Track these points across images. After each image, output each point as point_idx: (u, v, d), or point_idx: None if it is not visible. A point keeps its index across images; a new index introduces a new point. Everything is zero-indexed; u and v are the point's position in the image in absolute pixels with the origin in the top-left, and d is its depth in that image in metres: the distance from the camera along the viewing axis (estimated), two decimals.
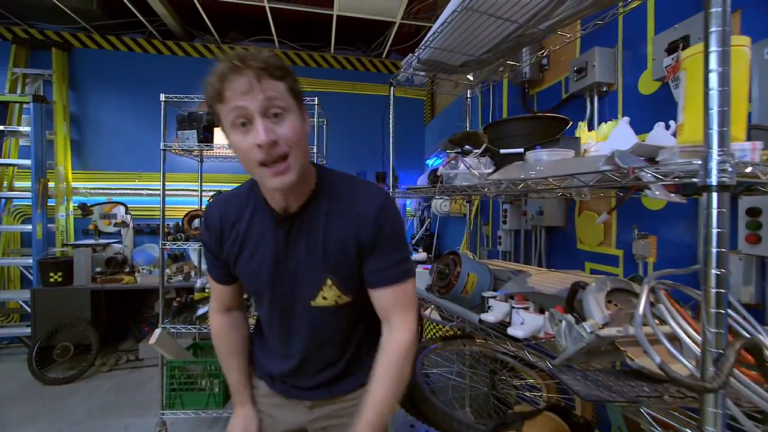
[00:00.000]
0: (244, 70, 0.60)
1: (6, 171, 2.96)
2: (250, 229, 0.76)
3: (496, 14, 1.00)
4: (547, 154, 0.81)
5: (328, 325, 0.76)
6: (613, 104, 1.36)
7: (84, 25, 3.11)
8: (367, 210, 0.71)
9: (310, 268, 0.73)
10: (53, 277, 2.59)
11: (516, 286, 0.94)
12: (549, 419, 0.84)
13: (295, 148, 0.64)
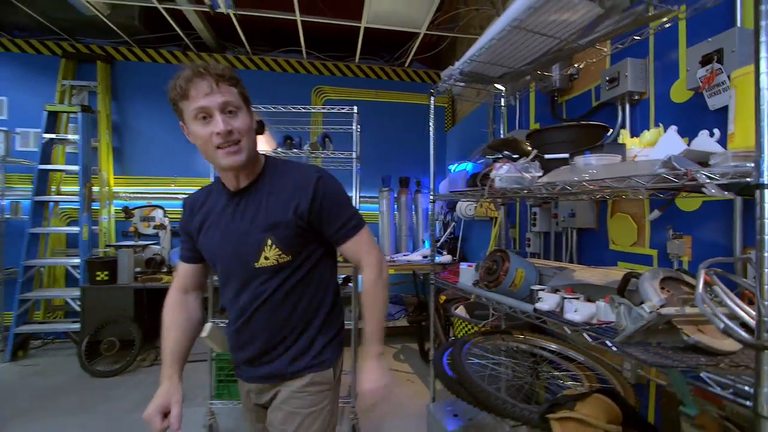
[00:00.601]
0: (206, 76, 0.77)
1: (54, 176, 3.16)
2: (211, 206, 0.92)
3: (541, 32, 1.10)
4: (596, 159, 0.90)
5: (271, 284, 0.85)
6: (644, 112, 1.44)
7: (126, 39, 3.32)
8: (304, 182, 0.86)
9: (254, 230, 0.85)
10: (100, 275, 2.74)
11: (564, 280, 1.03)
12: (599, 400, 0.92)
13: (245, 136, 0.81)
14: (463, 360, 1.26)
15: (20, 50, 3.27)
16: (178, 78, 0.79)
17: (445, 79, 1.55)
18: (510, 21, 1.05)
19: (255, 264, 0.86)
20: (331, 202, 0.87)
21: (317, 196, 0.85)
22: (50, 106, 2.95)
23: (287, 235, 0.85)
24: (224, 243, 0.88)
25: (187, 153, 3.48)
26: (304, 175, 0.87)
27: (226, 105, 0.78)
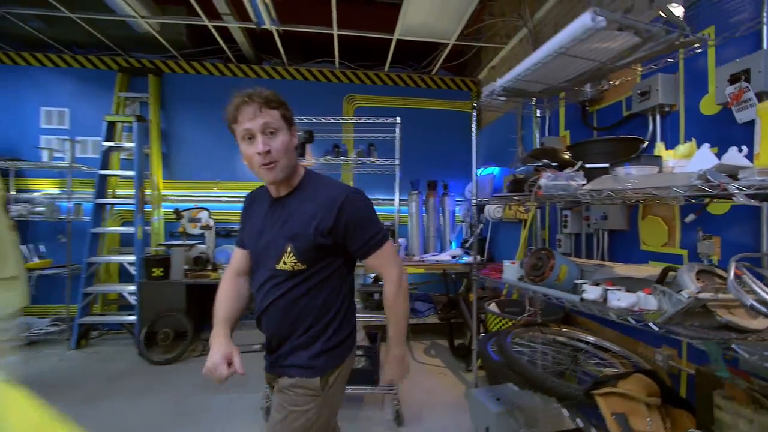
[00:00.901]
0: (251, 103, 0.89)
1: (110, 180, 3.44)
2: (258, 205, 1.06)
3: (584, 56, 1.24)
4: (636, 170, 1.05)
5: (286, 285, 0.94)
6: (674, 123, 1.56)
7: (173, 54, 3.59)
8: (330, 201, 0.94)
9: (280, 236, 0.96)
10: (156, 272, 3.00)
11: (605, 274, 1.17)
12: (639, 378, 1.06)
13: (282, 156, 0.92)
14: (509, 347, 1.42)
15: (80, 65, 3.57)
16: (230, 105, 0.92)
17: (487, 93, 1.71)
18: (557, 48, 1.20)
19: (276, 266, 0.97)
20: (355, 222, 0.95)
21: (342, 216, 0.93)
22: (109, 117, 3.23)
23: (305, 247, 0.94)
24: (258, 241, 1.01)
25: (228, 158, 3.73)
26: (332, 195, 0.96)
27: (266, 126, 0.89)
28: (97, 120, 3.50)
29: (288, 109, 0.96)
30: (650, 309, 0.97)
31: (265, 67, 3.83)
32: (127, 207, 3.48)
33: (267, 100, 0.90)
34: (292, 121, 0.97)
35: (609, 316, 0.99)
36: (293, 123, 0.97)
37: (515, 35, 3.16)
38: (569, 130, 2.31)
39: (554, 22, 2.66)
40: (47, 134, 3.50)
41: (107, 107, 3.54)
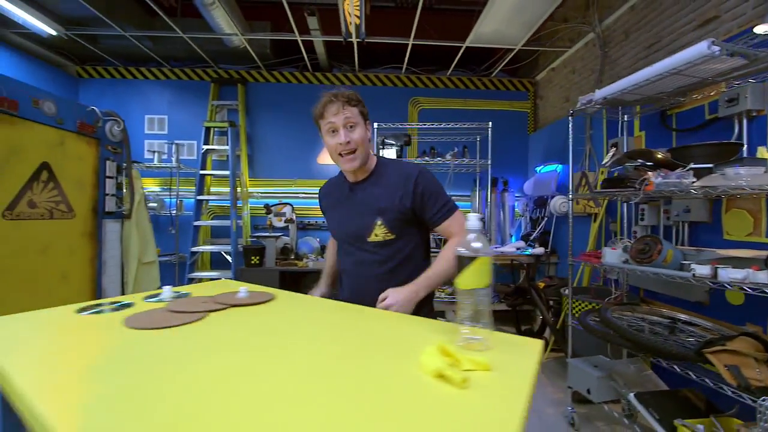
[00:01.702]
0: (336, 101, 1.03)
1: (206, 179, 3.88)
2: (336, 194, 1.21)
3: (691, 75, 1.48)
4: (745, 170, 1.28)
5: (379, 255, 1.08)
6: (761, 127, 1.76)
7: (257, 64, 3.98)
8: (409, 176, 1.07)
9: (367, 213, 1.09)
10: (254, 259, 3.41)
11: (710, 256, 1.42)
12: (746, 339, 1.30)
13: (360, 146, 1.06)
14: (614, 319, 1.68)
15: (176, 77, 4.03)
16: (318, 103, 1.07)
17: (584, 102, 1.95)
18: (670, 68, 1.44)
19: (368, 238, 1.10)
20: (429, 192, 1.07)
21: (417, 187, 1.06)
22: (207, 123, 3.66)
23: (393, 217, 1.07)
24: (347, 223, 1.15)
25: (305, 158, 4.11)
26: (407, 171, 1.09)
27: (347, 121, 1.03)
28: (190, 125, 3.95)
29: (365, 107, 1.10)
30: (759, 282, 1.22)
31: (336, 74, 4.17)
32: (220, 203, 3.92)
33: (348, 99, 1.04)
34: (368, 117, 1.11)
35: (725, 287, 1.24)
36: (368, 118, 1.11)
37: (579, 39, 3.35)
38: (644, 131, 2.51)
39: (624, 29, 2.84)
40: (150, 139, 3.98)
41: (200, 114, 3.98)
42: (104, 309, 0.81)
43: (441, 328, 0.70)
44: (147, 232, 2.79)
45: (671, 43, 2.41)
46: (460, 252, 0.60)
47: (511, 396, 0.45)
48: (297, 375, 0.51)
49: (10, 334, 0.67)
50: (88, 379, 0.49)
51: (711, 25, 2.13)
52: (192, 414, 0.40)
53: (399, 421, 0.39)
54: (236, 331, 0.69)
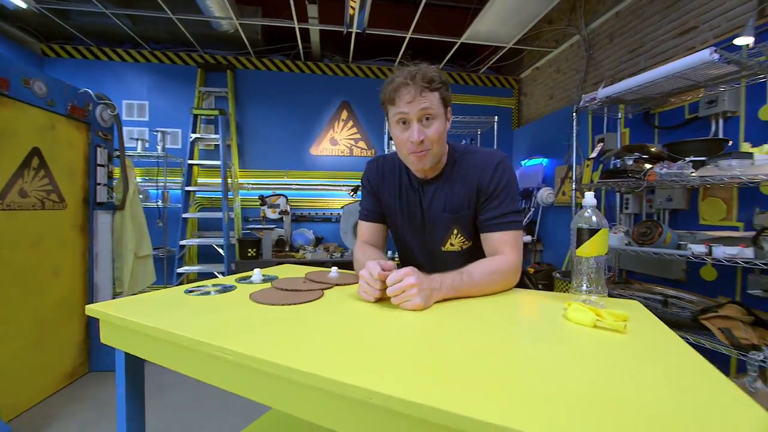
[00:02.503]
0: (411, 86, 0.81)
1: (194, 170, 3.71)
2: (394, 184, 0.99)
3: (688, 78, 1.68)
4: (736, 162, 1.50)
5: (455, 266, 0.81)
6: (734, 126, 2.03)
7: (247, 50, 3.84)
8: (487, 163, 0.88)
9: (441, 219, 0.92)
10: (250, 252, 3.34)
11: (704, 237, 1.64)
12: (734, 306, 1.53)
13: (435, 144, 0.86)
14: (613, 294, 1.88)
15: (158, 61, 3.79)
16: (390, 83, 0.85)
17: (588, 100, 2.13)
18: (673, 72, 1.63)
19: (442, 248, 0.95)
20: (503, 186, 0.88)
21: (495, 175, 0.88)
22: (196, 110, 3.50)
23: (469, 224, 0.92)
24: (414, 227, 0.98)
25: (297, 149, 4.05)
26: (487, 158, 0.90)
27: (424, 113, 0.82)
28: (173, 112, 3.76)
29: (448, 89, 0.87)
30: (748, 257, 1.44)
31: (328, 64, 4.13)
32: (208, 194, 3.77)
33: (430, 81, 0.82)
34: (449, 102, 0.88)
35: (721, 262, 1.45)
36: (449, 104, 0.89)
37: (565, 41, 3.58)
38: (629, 128, 2.77)
39: (609, 33, 3.09)
40: (129, 126, 3.73)
41: (184, 100, 3.79)
42: (210, 291, 0.82)
43: (558, 297, 0.79)
44: (142, 224, 2.65)
45: (652, 49, 2.67)
46: (582, 225, 0.69)
47: (659, 331, 0.55)
48: (493, 347, 0.54)
49: (169, 313, 0.67)
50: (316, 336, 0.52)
51: (690, 34, 2.39)
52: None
53: (611, 360, 0.48)
54: (368, 306, 0.73)
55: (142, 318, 0.63)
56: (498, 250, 0.87)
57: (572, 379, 0.42)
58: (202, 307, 0.71)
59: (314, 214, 4.03)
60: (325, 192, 4.07)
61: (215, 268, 3.50)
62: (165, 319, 0.63)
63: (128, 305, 0.72)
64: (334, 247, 3.77)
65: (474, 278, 0.78)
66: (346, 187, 4.03)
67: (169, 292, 0.83)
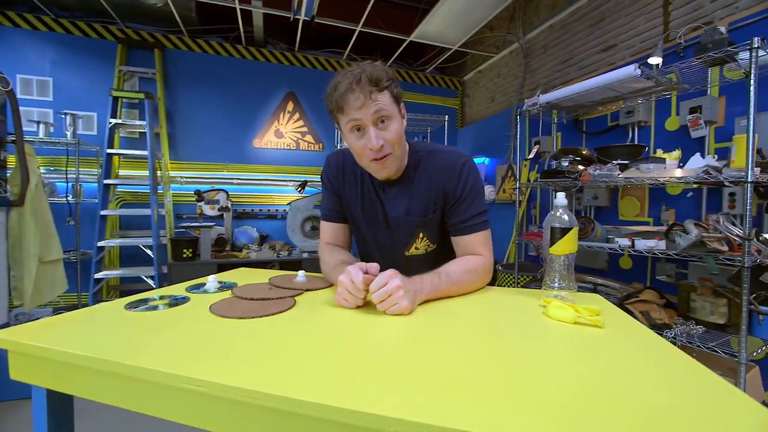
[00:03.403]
0: (358, 90, 0.74)
1: (114, 160, 3.25)
2: (360, 187, 0.93)
3: (616, 89, 1.88)
4: (653, 166, 1.72)
5: (419, 268, 0.79)
6: (646, 134, 2.34)
7: (179, 29, 3.45)
8: (452, 165, 0.85)
9: (406, 223, 0.90)
10: (186, 252, 3.03)
11: (627, 232, 1.86)
12: (650, 292, 1.77)
13: (396, 146, 0.81)
14: None
15: (65, 31, 3.23)
16: (332, 90, 0.79)
17: (530, 104, 2.28)
18: (604, 83, 1.81)
19: (406, 252, 0.92)
20: (467, 192, 0.86)
21: (462, 177, 0.85)
22: (116, 92, 3.05)
23: (435, 227, 0.90)
24: (376, 231, 0.94)
25: (238, 140, 3.77)
26: (451, 158, 0.87)
27: (377, 116, 0.77)
28: (86, 93, 3.28)
29: (397, 85, 0.81)
30: (663, 249, 1.66)
31: (273, 51, 3.89)
32: (133, 188, 3.34)
33: (377, 81, 0.76)
34: (401, 98, 0.83)
35: (642, 253, 1.66)
36: (402, 100, 0.84)
37: (505, 47, 3.81)
38: (560, 132, 3.04)
39: (543, 44, 3.35)
40: (26, 106, 3.13)
41: (100, 80, 3.29)
42: (158, 305, 0.70)
43: (530, 293, 0.82)
44: (48, 223, 2.25)
45: (580, 62, 2.96)
46: (555, 225, 0.73)
47: (630, 323, 0.60)
48: (474, 350, 0.54)
49: (104, 333, 0.54)
50: (296, 355, 0.46)
51: (611, 51, 2.70)
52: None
53: (598, 350, 0.50)
54: (348, 313, 0.69)
55: (72, 345, 0.51)
56: (471, 251, 0.87)
57: (564, 377, 0.43)
58: (151, 325, 0.60)
59: (258, 210, 3.80)
60: (270, 187, 3.85)
61: (143, 272, 3.11)
62: (105, 344, 0.52)
63: (49, 329, 0.58)
64: (280, 245, 3.58)
65: (452, 278, 0.77)
66: (292, 182, 3.86)
67: (102, 309, 0.70)
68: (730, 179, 1.40)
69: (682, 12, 2.24)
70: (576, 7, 2.97)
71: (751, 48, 1.32)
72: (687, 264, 1.97)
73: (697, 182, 1.52)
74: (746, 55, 1.44)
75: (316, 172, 3.99)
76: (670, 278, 2.10)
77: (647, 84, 1.81)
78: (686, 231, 1.54)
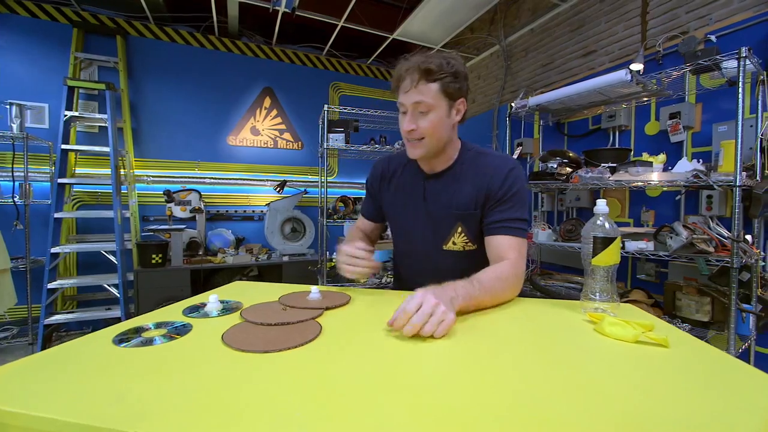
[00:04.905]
0: (407, 77, 0.82)
1: (70, 157, 2.93)
2: (405, 180, 0.99)
3: (604, 94, 1.92)
4: (641, 169, 1.77)
5: (454, 268, 0.80)
6: (627, 138, 2.42)
7: (145, 15, 3.17)
8: (500, 168, 0.87)
9: (446, 215, 0.90)
10: (155, 258, 2.79)
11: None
12: (638, 291, 1.82)
13: (429, 134, 0.84)
14: (545, 285, 2.08)
15: (8, 10, 2.87)
16: (396, 71, 0.86)
17: (519, 106, 2.29)
18: (594, 87, 1.83)
19: (443, 246, 0.92)
20: (514, 193, 0.86)
21: (507, 181, 0.85)
22: (72, 81, 2.75)
23: (475, 225, 0.89)
24: (409, 221, 0.96)
25: (211, 137, 3.54)
26: (501, 163, 0.89)
27: (417, 105, 0.82)
28: (35, 81, 2.95)
29: (456, 79, 0.83)
30: (652, 250, 1.71)
31: (248, 43, 3.69)
32: (92, 188, 3.04)
33: (427, 72, 0.80)
34: (457, 95, 0.85)
35: (634, 255, 1.70)
36: (458, 96, 0.85)
37: (486, 50, 3.84)
38: (542, 134, 3.10)
39: (524, 47, 3.41)
40: None
41: (52, 68, 2.96)
42: (155, 336, 0.59)
43: (567, 305, 0.78)
44: None
45: (561, 66, 3.03)
46: (597, 234, 0.69)
47: (688, 340, 0.56)
48: (529, 378, 0.49)
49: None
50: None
51: (590, 57, 2.77)
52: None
53: (675, 375, 0.45)
54: (387, 338, 0.60)
55: (42, 406, 0.37)
56: (503, 254, 0.83)
57: (657, 411, 0.38)
58: (151, 367, 0.48)
59: (233, 211, 3.59)
60: (246, 187, 3.65)
61: (105, 280, 2.84)
62: (93, 403, 0.39)
63: (7, 381, 0.44)
64: (258, 249, 3.41)
65: (484, 285, 0.73)
66: (270, 182, 3.68)
67: (84, 345, 0.57)
68: (719, 183, 1.45)
69: (659, 21, 2.33)
70: (556, 12, 3.03)
71: (739, 57, 1.38)
72: (667, 263, 2.05)
73: (687, 185, 1.57)
74: (727, 64, 1.50)
75: (295, 171, 3.83)
76: (650, 277, 2.18)
77: (635, 89, 1.86)
78: (676, 233, 1.59)
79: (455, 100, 0.86)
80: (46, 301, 2.69)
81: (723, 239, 1.46)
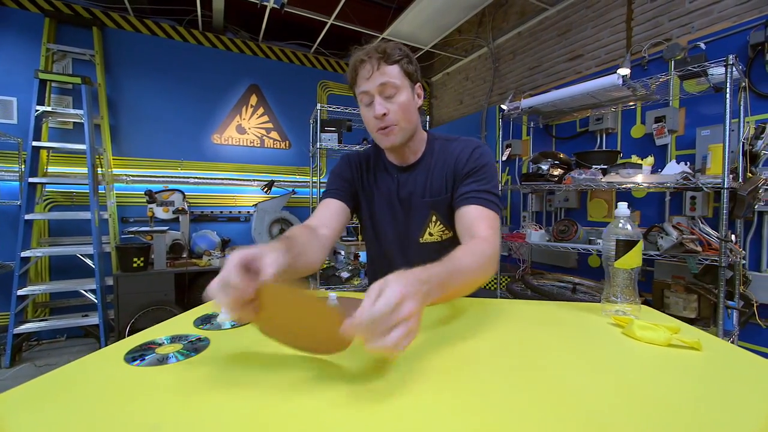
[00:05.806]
0: (368, 62, 0.79)
1: (42, 155, 2.76)
2: (376, 177, 0.95)
3: (596, 97, 1.96)
4: (632, 171, 1.82)
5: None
6: (613, 140, 2.49)
7: (124, 5, 3.03)
8: (465, 149, 0.86)
9: (418, 206, 0.89)
10: (137, 262, 2.66)
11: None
12: None
13: (400, 118, 0.81)
14: (537, 285, 2.11)
15: None
16: (350, 64, 0.83)
17: (511, 108, 2.31)
18: (587, 90, 1.87)
19: (420, 239, 0.91)
20: (481, 167, 0.84)
21: (473, 156, 0.85)
22: (44, 74, 2.59)
23: (448, 211, 0.87)
24: (392, 219, 0.93)
25: (194, 135, 3.41)
26: (466, 144, 0.88)
27: (384, 87, 0.79)
28: (1, 74, 2.75)
29: (411, 62, 0.83)
30: (642, 250, 1.76)
31: (234, 39, 3.58)
32: (66, 188, 2.87)
33: (386, 54, 0.79)
34: (414, 77, 0.84)
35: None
36: (416, 80, 0.85)
37: (474, 51, 3.88)
38: (531, 135, 3.16)
39: (512, 50, 3.46)
40: None
41: (20, 59, 2.78)
42: (170, 354, 0.55)
43: (587, 308, 0.78)
44: None
45: (548, 69, 3.09)
46: (620, 237, 0.69)
47: (717, 341, 0.57)
48: (555, 382, 0.49)
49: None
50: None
51: (577, 61, 2.84)
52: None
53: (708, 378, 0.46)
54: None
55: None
56: (473, 225, 0.76)
57: (707, 411, 0.38)
58: (175, 391, 0.44)
59: (219, 212, 3.47)
60: (232, 187, 3.54)
61: (81, 285, 2.69)
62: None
63: (22, 407, 0.40)
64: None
65: (456, 264, 0.60)
66: (258, 182, 3.58)
67: (92, 363, 0.52)
68: (708, 185, 1.51)
69: (643, 28, 2.41)
70: (544, 17, 3.09)
71: (726, 64, 1.44)
72: (653, 262, 2.12)
73: (676, 187, 1.63)
74: (714, 71, 1.56)
75: (282, 171, 3.75)
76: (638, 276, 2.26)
77: (625, 93, 1.91)
78: (666, 233, 1.65)
79: (415, 83, 0.85)
80: (16, 309, 2.52)
81: (711, 239, 1.52)
